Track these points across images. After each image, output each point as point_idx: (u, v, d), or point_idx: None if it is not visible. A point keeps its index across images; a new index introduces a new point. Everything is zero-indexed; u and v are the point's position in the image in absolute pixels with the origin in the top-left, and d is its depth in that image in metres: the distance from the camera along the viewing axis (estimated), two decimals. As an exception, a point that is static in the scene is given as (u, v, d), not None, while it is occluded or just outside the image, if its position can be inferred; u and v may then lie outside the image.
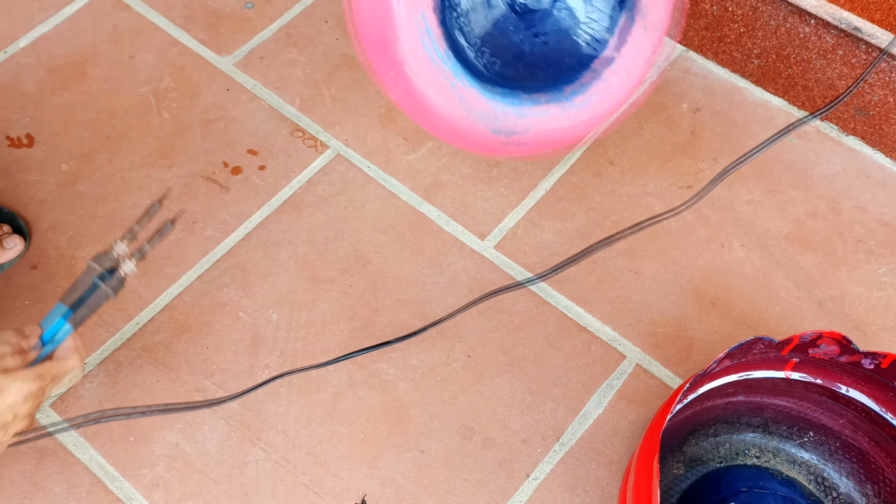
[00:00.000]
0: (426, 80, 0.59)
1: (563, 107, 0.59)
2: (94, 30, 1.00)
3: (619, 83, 0.60)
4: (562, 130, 0.61)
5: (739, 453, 0.73)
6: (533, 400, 0.78)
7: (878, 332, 0.82)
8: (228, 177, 0.90)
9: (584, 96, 0.59)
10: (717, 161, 0.92)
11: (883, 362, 0.63)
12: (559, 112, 0.59)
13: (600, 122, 0.62)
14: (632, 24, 0.61)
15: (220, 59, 0.98)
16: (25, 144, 0.92)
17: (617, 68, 0.60)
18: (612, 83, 0.60)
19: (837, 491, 0.72)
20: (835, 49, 0.87)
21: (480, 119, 0.59)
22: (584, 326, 0.82)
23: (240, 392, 0.76)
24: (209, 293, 0.83)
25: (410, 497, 0.74)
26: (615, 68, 0.60)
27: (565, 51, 0.62)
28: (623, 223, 0.88)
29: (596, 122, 0.62)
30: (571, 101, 0.59)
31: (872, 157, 0.92)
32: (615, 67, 0.60)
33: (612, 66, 0.60)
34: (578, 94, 0.59)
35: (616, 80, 0.60)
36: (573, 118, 0.60)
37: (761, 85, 0.96)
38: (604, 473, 0.75)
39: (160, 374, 0.79)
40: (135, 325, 0.81)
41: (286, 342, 0.81)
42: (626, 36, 0.60)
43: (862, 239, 0.87)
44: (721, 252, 0.86)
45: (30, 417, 0.57)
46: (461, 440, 0.76)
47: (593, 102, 0.60)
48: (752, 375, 0.69)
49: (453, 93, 0.59)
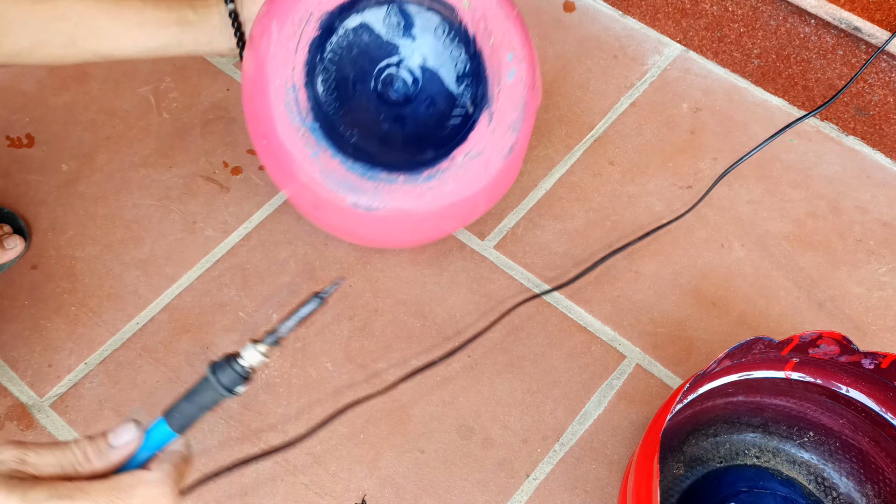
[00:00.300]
0: (291, 147, 0.62)
1: (417, 189, 0.62)
2: (94, 30, 1.00)
3: (474, 173, 0.63)
4: (415, 212, 0.64)
5: (739, 453, 0.73)
6: (533, 400, 0.78)
7: (878, 332, 0.82)
8: (228, 177, 0.90)
9: (439, 181, 0.63)
10: (717, 161, 0.92)
11: (883, 362, 0.63)
12: (414, 193, 0.63)
13: (453, 210, 0.65)
14: (490, 122, 0.63)
15: (219, 58, 0.98)
16: (25, 144, 0.92)
17: (474, 159, 0.63)
18: (469, 172, 0.63)
19: (837, 491, 0.72)
20: (835, 49, 0.87)
21: (341, 190, 0.62)
22: (584, 326, 0.82)
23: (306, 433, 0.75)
24: (209, 293, 0.83)
25: (410, 497, 0.74)
26: (473, 159, 0.63)
27: (426, 137, 0.65)
28: (623, 223, 0.88)
29: (448, 209, 0.65)
30: (427, 184, 0.62)
31: (872, 157, 0.92)
32: (473, 158, 0.63)
33: (469, 156, 0.63)
34: (434, 178, 0.63)
35: (473, 171, 0.63)
36: (426, 202, 0.63)
37: (761, 85, 0.96)
38: (604, 473, 0.75)
39: (160, 374, 0.79)
40: (135, 325, 0.81)
41: (286, 342, 0.81)
42: (483, 130, 0.63)
43: (862, 239, 0.87)
44: (721, 252, 0.86)
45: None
46: (461, 440, 0.76)
47: (447, 189, 0.63)
48: (752, 375, 0.69)
49: (316, 162, 0.62)
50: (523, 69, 0.64)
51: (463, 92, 0.66)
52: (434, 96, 0.66)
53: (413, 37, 0.67)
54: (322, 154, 0.62)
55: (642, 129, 0.94)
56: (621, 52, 0.99)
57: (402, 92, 0.66)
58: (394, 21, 0.67)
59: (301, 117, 0.62)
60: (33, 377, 0.79)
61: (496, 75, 0.64)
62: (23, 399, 0.78)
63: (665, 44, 1.00)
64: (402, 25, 0.67)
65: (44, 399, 0.78)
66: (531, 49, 0.66)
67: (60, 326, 0.81)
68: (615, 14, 1.02)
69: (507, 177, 0.69)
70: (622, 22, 1.01)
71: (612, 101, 0.96)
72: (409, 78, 0.67)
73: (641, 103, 0.95)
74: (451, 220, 0.69)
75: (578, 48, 0.99)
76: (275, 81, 0.63)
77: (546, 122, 0.94)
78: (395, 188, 0.62)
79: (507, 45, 0.64)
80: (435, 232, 0.72)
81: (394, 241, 0.72)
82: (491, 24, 0.64)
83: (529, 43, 0.66)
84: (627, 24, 1.01)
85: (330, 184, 0.62)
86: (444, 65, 0.67)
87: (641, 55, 0.99)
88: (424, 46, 0.67)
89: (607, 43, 1.00)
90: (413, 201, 0.63)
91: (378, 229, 0.66)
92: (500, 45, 0.64)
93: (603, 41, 1.00)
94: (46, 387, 0.78)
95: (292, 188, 0.65)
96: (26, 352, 0.80)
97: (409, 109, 0.66)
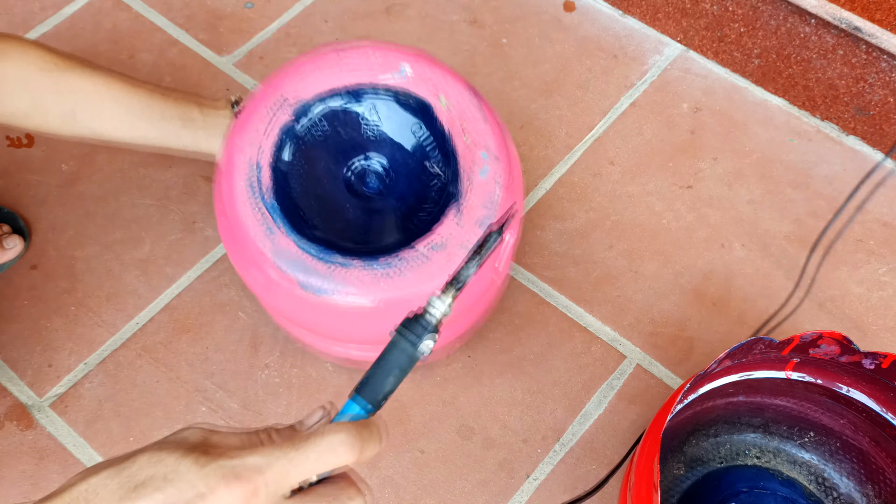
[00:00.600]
0: (247, 223, 0.61)
1: (372, 274, 0.60)
2: (94, 29, 1.00)
3: (436, 266, 0.61)
4: (368, 301, 0.61)
5: (740, 453, 0.73)
6: (533, 400, 0.78)
7: (878, 332, 0.82)
8: (228, 177, 0.90)
9: (397, 270, 0.60)
10: (717, 161, 0.92)
11: (883, 362, 0.63)
12: (368, 279, 0.60)
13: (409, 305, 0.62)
14: (457, 214, 0.62)
15: (219, 58, 0.98)
16: (25, 144, 0.92)
17: (437, 251, 0.61)
18: (430, 264, 0.61)
19: (838, 491, 0.71)
20: (835, 49, 0.87)
21: (292, 270, 0.60)
22: (584, 326, 0.82)
23: None
24: (209, 293, 0.83)
25: (410, 497, 0.74)
26: (435, 250, 0.61)
27: (393, 230, 0.64)
28: (623, 223, 0.88)
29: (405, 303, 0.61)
30: (383, 270, 0.60)
31: (873, 157, 0.92)
32: (435, 249, 0.61)
33: (432, 247, 0.61)
34: (392, 266, 0.60)
35: (434, 263, 0.61)
36: (381, 289, 0.60)
37: (762, 85, 0.96)
38: (604, 474, 0.75)
39: (160, 374, 0.79)
40: (135, 325, 0.81)
41: (286, 342, 0.81)
42: (449, 224, 0.62)
43: (862, 239, 0.87)
44: (721, 252, 0.86)
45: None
46: (461, 440, 0.76)
47: (405, 279, 0.60)
48: (753, 376, 0.69)
49: (270, 240, 0.60)
50: (498, 169, 0.63)
51: (434, 188, 0.65)
52: (405, 191, 0.65)
53: (387, 132, 0.67)
54: (277, 232, 0.60)
55: (642, 129, 0.94)
56: (621, 52, 0.99)
57: (373, 187, 0.65)
58: (369, 115, 0.67)
59: (260, 194, 0.62)
60: (33, 377, 0.78)
61: (468, 171, 0.63)
62: (22, 399, 0.78)
63: (665, 43, 1.00)
64: (378, 120, 0.67)
65: (43, 399, 0.78)
66: (509, 151, 0.66)
67: (60, 326, 0.81)
68: (615, 14, 1.02)
69: (476, 283, 0.63)
70: (622, 22, 1.01)
71: (612, 101, 0.96)
72: (381, 172, 0.66)
73: (642, 103, 0.95)
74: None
75: (578, 48, 0.99)
76: (240, 158, 0.63)
77: (546, 122, 0.94)
78: (348, 272, 0.59)
79: (481, 144, 0.64)
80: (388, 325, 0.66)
81: (343, 334, 0.67)
82: (467, 124, 0.64)
83: (507, 146, 0.66)
84: (628, 24, 1.01)
85: (281, 263, 0.60)
86: (417, 160, 0.66)
87: (642, 55, 0.99)
88: (398, 141, 0.67)
89: (607, 43, 1.00)
90: (366, 287, 0.59)
91: (327, 318, 0.63)
92: (475, 144, 0.64)
93: (603, 41, 1.00)
94: (46, 387, 0.78)
95: (245, 267, 0.64)
96: (26, 352, 0.79)
97: (378, 202, 0.65)
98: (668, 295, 0.84)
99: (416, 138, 0.66)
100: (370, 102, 0.66)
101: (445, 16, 1.01)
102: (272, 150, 0.64)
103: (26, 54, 0.66)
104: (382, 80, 0.66)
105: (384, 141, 0.67)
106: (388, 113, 0.67)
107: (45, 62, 0.67)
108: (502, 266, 0.67)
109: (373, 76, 0.66)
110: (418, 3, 1.02)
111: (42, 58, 0.67)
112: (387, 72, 0.66)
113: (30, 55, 0.66)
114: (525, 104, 0.95)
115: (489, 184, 0.63)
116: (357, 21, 1.01)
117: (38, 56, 0.67)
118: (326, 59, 0.66)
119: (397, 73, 0.66)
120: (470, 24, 1.01)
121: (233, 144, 0.65)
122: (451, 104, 0.65)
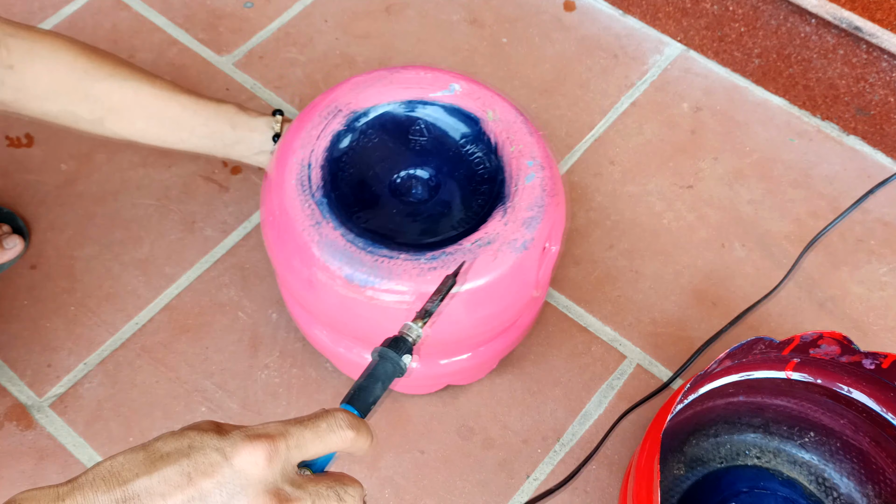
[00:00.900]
0: (295, 216, 0.63)
1: (419, 267, 0.61)
2: (94, 29, 1.00)
3: (482, 262, 0.62)
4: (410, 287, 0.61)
5: (740, 454, 0.73)
6: (533, 400, 0.78)
7: (878, 332, 0.82)
8: (228, 176, 0.90)
9: (442, 262, 0.61)
10: (717, 161, 0.91)
11: (884, 362, 0.63)
12: (414, 271, 0.61)
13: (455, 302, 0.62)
14: (504, 215, 0.63)
15: (219, 58, 0.98)
16: (25, 144, 0.92)
17: (483, 247, 0.62)
18: (478, 259, 0.62)
19: (838, 491, 0.71)
20: (835, 49, 0.87)
21: (337, 261, 0.61)
22: (584, 326, 0.82)
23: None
24: (209, 293, 0.83)
25: (410, 497, 0.73)
26: (481, 246, 0.62)
27: (437, 230, 0.65)
28: (623, 223, 0.87)
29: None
30: (429, 263, 0.61)
31: (873, 157, 0.92)
32: (482, 245, 0.62)
33: (478, 243, 0.62)
34: (437, 259, 0.61)
35: (481, 258, 0.62)
36: (426, 282, 0.60)
37: (762, 84, 0.96)
38: (604, 474, 0.75)
39: (160, 374, 0.79)
40: (134, 325, 0.81)
41: (286, 342, 0.80)
42: (496, 223, 0.63)
43: (863, 239, 0.87)
44: (722, 252, 0.86)
45: None
46: (461, 440, 0.76)
47: (452, 270, 0.60)
48: (753, 376, 0.69)
49: (317, 231, 0.62)
50: (543, 176, 0.66)
51: (480, 195, 0.67)
52: (450, 198, 0.67)
53: (435, 142, 0.69)
54: (324, 224, 0.62)
55: (643, 129, 0.94)
56: (622, 52, 0.99)
57: (419, 195, 0.67)
58: (418, 127, 0.69)
59: (310, 191, 0.64)
60: (32, 377, 0.78)
61: (515, 177, 0.65)
62: (22, 399, 0.77)
63: (666, 43, 0.99)
64: (426, 131, 0.70)
65: (43, 399, 0.78)
66: (553, 164, 0.68)
67: (59, 326, 0.81)
68: (616, 13, 1.01)
69: (519, 279, 0.64)
70: (623, 21, 1.01)
71: (612, 101, 0.96)
72: (428, 180, 0.68)
73: (642, 103, 0.95)
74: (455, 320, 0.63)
75: (579, 47, 0.99)
76: (292, 159, 0.66)
77: (546, 121, 0.94)
78: (394, 264, 0.60)
79: (528, 154, 0.67)
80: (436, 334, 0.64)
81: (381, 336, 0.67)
82: (514, 135, 0.67)
83: (551, 159, 0.68)
84: (628, 24, 1.01)
85: (327, 255, 0.61)
86: (464, 170, 0.68)
87: (642, 54, 0.99)
88: (446, 151, 0.69)
89: (608, 42, 0.99)
90: (411, 280, 0.60)
91: (367, 313, 0.63)
92: (522, 153, 0.66)
93: (603, 40, 1.00)
94: (46, 387, 0.78)
95: (287, 262, 0.64)
96: (25, 352, 0.79)
97: (424, 208, 0.67)
98: (669, 295, 0.84)
99: (463, 150, 0.69)
100: (420, 114, 0.69)
101: (445, 16, 1.01)
102: (323, 153, 0.66)
103: (57, 57, 0.65)
104: (432, 96, 0.69)
105: (432, 151, 0.69)
106: (437, 125, 0.69)
107: (76, 67, 0.66)
108: (541, 287, 0.68)
109: (423, 93, 0.69)
110: (418, 3, 1.02)
111: (74, 62, 0.66)
112: (437, 90, 0.69)
113: (61, 58, 0.66)
114: (525, 104, 0.95)
115: (535, 188, 0.65)
116: (357, 21, 1.01)
117: (71, 59, 0.66)
118: (380, 77, 0.70)
119: (447, 91, 0.69)
120: (470, 24, 1.01)
121: (285, 147, 0.67)
122: (499, 118, 0.68)
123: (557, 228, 0.67)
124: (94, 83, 0.66)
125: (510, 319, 0.68)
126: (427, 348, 0.66)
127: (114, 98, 0.67)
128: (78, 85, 0.66)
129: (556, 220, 0.67)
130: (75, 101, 0.67)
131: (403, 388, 0.76)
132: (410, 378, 0.63)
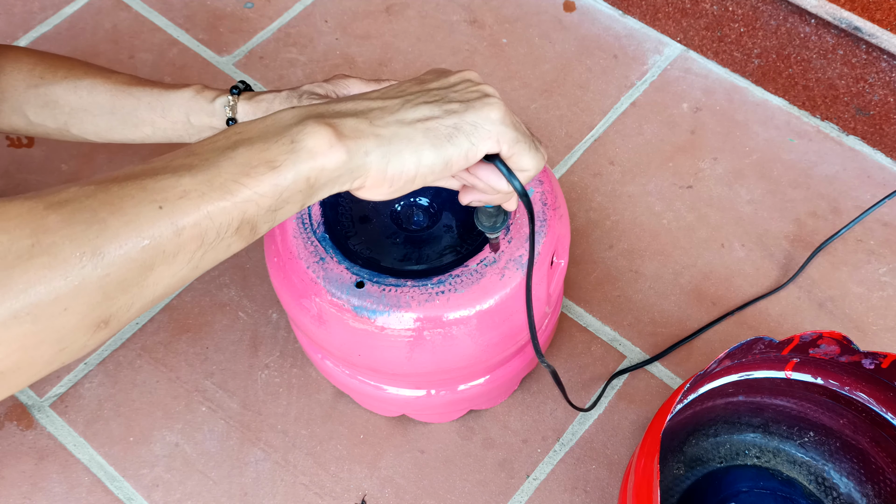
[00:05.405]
0: (299, 254, 0.63)
1: (426, 293, 0.61)
2: (94, 29, 1.00)
3: (489, 281, 0.61)
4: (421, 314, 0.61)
5: (740, 453, 0.73)
6: (533, 400, 0.78)
7: (878, 332, 0.82)
8: (228, 177, 0.90)
9: (450, 285, 0.61)
10: (717, 161, 0.92)
11: (883, 362, 0.63)
12: (422, 297, 0.61)
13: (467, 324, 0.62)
14: (507, 233, 0.63)
15: (219, 58, 0.98)
16: (25, 144, 0.92)
17: (489, 266, 0.62)
18: (483, 278, 0.61)
19: (838, 491, 0.71)
20: (835, 49, 0.87)
21: (344, 295, 0.61)
22: (584, 326, 0.82)
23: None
24: (209, 293, 0.83)
25: (410, 497, 0.74)
26: (487, 266, 0.62)
27: (441, 255, 0.65)
28: (623, 223, 0.88)
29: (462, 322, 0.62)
30: (436, 288, 0.61)
31: (873, 157, 0.92)
32: (487, 265, 0.62)
33: (484, 262, 0.62)
34: (444, 283, 0.61)
35: (487, 278, 0.62)
36: (435, 308, 0.61)
37: (762, 85, 0.96)
38: (604, 474, 0.75)
39: (160, 374, 0.79)
40: (134, 325, 0.81)
41: (286, 342, 0.81)
42: (502, 244, 0.63)
43: (862, 239, 0.87)
44: (721, 252, 0.86)
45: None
46: (461, 440, 0.76)
47: (459, 294, 0.61)
48: (753, 375, 0.69)
49: (322, 268, 0.62)
50: (543, 189, 0.66)
51: None
52: (451, 222, 0.67)
53: None
54: (329, 260, 0.62)
55: (642, 129, 0.94)
56: (621, 52, 0.99)
57: (421, 223, 0.67)
58: None
59: (311, 229, 0.64)
60: (33, 377, 0.78)
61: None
62: (22, 399, 0.78)
63: (665, 43, 1.00)
64: None
65: (43, 399, 0.78)
66: (551, 177, 0.68)
67: (60, 326, 0.81)
68: (615, 14, 1.02)
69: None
70: (622, 22, 1.01)
71: (612, 101, 0.96)
72: (427, 207, 0.68)
73: (642, 103, 0.95)
74: (465, 340, 0.63)
75: (579, 48, 0.99)
76: None
77: (546, 122, 0.94)
78: (402, 292, 0.61)
79: None
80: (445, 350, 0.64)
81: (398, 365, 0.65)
82: None
83: (549, 172, 0.68)
84: (628, 24, 1.01)
85: (334, 290, 0.61)
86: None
87: (642, 55, 0.99)
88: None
89: (607, 43, 1.00)
90: (420, 306, 0.60)
91: (381, 346, 0.63)
92: None
93: (603, 41, 1.00)
94: (46, 387, 0.78)
95: (296, 301, 0.64)
96: (26, 352, 0.79)
97: (425, 234, 0.66)
98: (668, 295, 0.84)
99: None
100: None
101: (445, 16, 1.01)
102: None
103: (15, 69, 0.65)
104: None
105: None
106: None
107: (33, 76, 0.65)
108: (552, 302, 0.68)
109: None
110: (418, 3, 1.02)
111: (31, 72, 0.65)
112: None
113: (19, 69, 0.65)
114: (525, 104, 0.95)
115: (535, 203, 0.65)
116: (357, 21, 1.01)
117: (28, 70, 0.65)
118: None
119: None
120: (470, 24, 1.01)
121: None
122: None
123: (563, 242, 0.67)
124: (50, 88, 0.65)
125: (524, 338, 0.68)
126: (443, 375, 0.66)
127: (71, 100, 0.66)
128: (37, 92, 0.65)
129: (561, 234, 0.67)
130: (37, 109, 0.66)
131: (427, 417, 0.76)
132: (432, 407, 0.64)
